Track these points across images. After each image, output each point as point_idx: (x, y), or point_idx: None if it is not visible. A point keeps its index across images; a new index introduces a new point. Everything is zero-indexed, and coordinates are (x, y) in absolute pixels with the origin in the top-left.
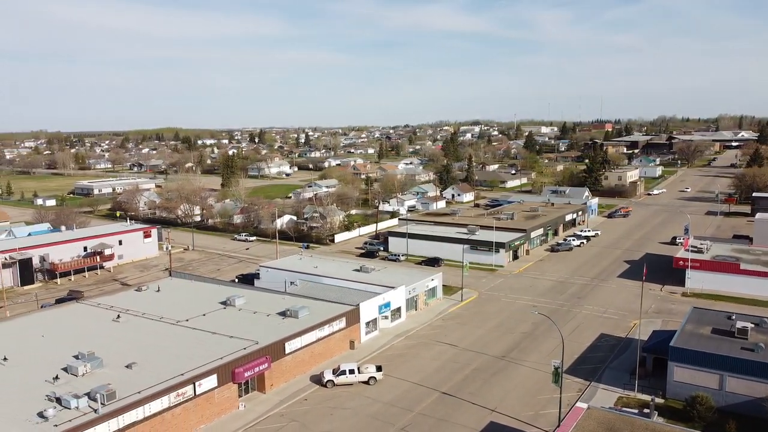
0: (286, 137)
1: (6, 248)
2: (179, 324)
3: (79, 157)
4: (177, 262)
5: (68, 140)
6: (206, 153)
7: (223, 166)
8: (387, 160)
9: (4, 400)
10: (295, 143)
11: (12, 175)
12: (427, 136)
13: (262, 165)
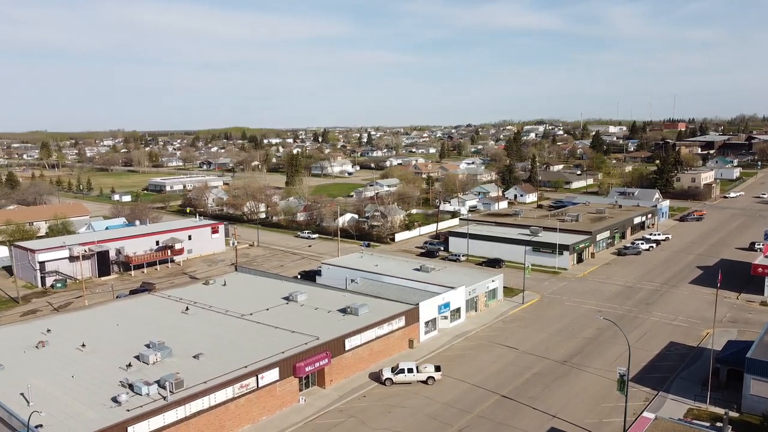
0: (348, 136)
1: (86, 241)
2: (244, 317)
3: (153, 156)
4: (242, 257)
5: (143, 139)
6: (272, 152)
7: (288, 165)
8: (448, 159)
9: (83, 384)
10: (357, 142)
11: (92, 172)
12: (490, 135)
13: (325, 164)
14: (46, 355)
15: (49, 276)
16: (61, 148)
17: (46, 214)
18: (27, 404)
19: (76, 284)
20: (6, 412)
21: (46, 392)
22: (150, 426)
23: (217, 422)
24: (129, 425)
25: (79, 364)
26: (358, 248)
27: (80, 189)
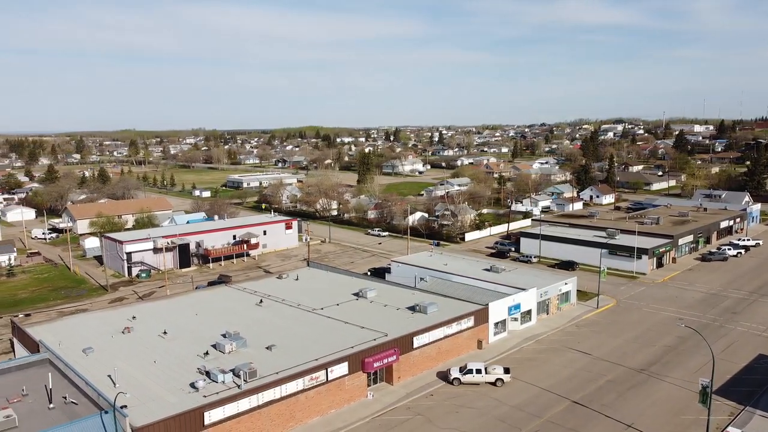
0: (420, 135)
1: (168, 234)
2: (315, 312)
3: (231, 153)
4: (314, 253)
5: (222, 137)
6: (344, 150)
7: (360, 163)
8: (521, 159)
9: (164, 370)
10: (428, 141)
11: (175, 169)
12: (565, 134)
13: (396, 162)
14: (131, 340)
15: (135, 266)
16: (148, 146)
17: (133, 207)
18: (113, 385)
19: (159, 275)
20: (95, 392)
21: (131, 375)
22: (225, 412)
23: (288, 412)
24: (206, 411)
25: (160, 350)
26: (428, 247)
27: (164, 185)
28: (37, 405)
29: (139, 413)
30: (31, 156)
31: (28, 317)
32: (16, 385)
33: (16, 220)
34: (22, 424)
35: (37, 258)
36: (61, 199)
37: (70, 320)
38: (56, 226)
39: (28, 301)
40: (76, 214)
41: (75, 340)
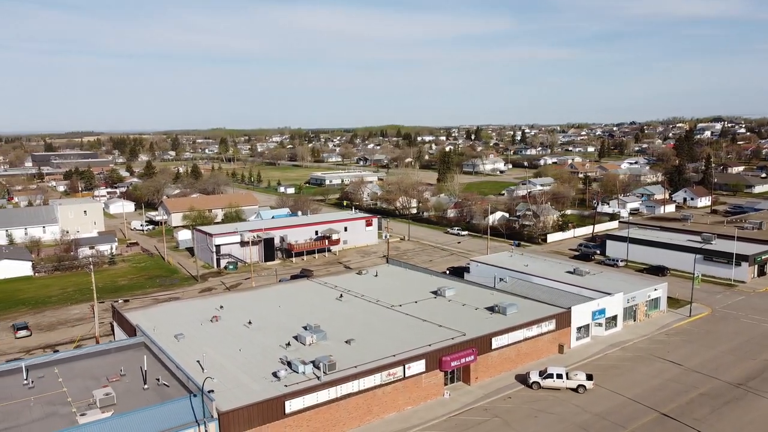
0: (502, 134)
1: (254, 228)
2: (393, 308)
3: (315, 151)
4: (393, 250)
5: (307, 136)
6: (425, 149)
7: (440, 162)
8: (608, 159)
9: (248, 358)
10: (510, 140)
11: (261, 166)
12: (656, 133)
13: (476, 161)
14: (218, 328)
15: (223, 258)
16: (237, 144)
17: (222, 202)
18: (202, 371)
19: (245, 267)
20: (185, 376)
21: (217, 361)
22: (305, 402)
23: (365, 406)
24: (286, 399)
25: (245, 339)
26: (508, 247)
27: (251, 181)
28: (133, 385)
29: (224, 398)
30: (131, 153)
31: (126, 303)
32: (115, 365)
33: (117, 212)
34: (119, 402)
35: (135, 248)
36: (157, 194)
37: (163, 307)
38: (153, 219)
39: (127, 288)
40: (171, 208)
41: (168, 326)
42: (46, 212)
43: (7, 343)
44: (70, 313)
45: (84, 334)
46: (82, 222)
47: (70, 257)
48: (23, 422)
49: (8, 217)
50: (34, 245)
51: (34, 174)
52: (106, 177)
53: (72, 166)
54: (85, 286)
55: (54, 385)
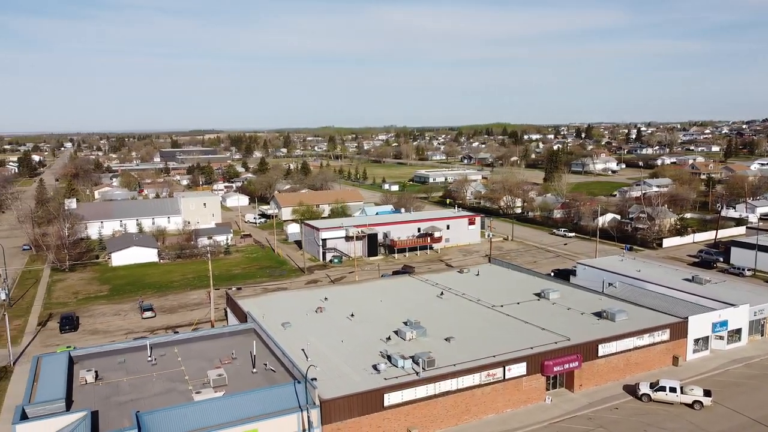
0: (615, 133)
1: (359, 224)
2: (494, 308)
3: (420, 149)
4: (496, 250)
5: (412, 134)
6: (531, 147)
7: (547, 161)
8: (736, 159)
9: (350, 350)
10: (624, 139)
11: (367, 163)
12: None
13: (586, 161)
14: (322, 319)
15: (329, 252)
16: (344, 142)
17: (329, 198)
18: (306, 358)
19: (349, 261)
20: (290, 362)
21: (321, 351)
22: (403, 397)
23: (463, 405)
24: (385, 392)
25: (347, 331)
26: (618, 251)
27: (357, 178)
28: (243, 368)
29: (326, 387)
30: (247, 150)
31: (239, 291)
32: (228, 348)
33: (233, 205)
34: (230, 383)
35: (248, 240)
36: (269, 188)
37: (272, 296)
38: (265, 212)
39: (240, 277)
40: (282, 202)
41: (276, 315)
42: (171, 204)
43: (135, 323)
44: (189, 298)
45: (201, 318)
46: (201, 214)
47: (190, 246)
48: (147, 395)
49: (139, 208)
50: (160, 234)
51: (162, 168)
52: (224, 172)
53: (194, 161)
54: (202, 274)
55: (173, 364)
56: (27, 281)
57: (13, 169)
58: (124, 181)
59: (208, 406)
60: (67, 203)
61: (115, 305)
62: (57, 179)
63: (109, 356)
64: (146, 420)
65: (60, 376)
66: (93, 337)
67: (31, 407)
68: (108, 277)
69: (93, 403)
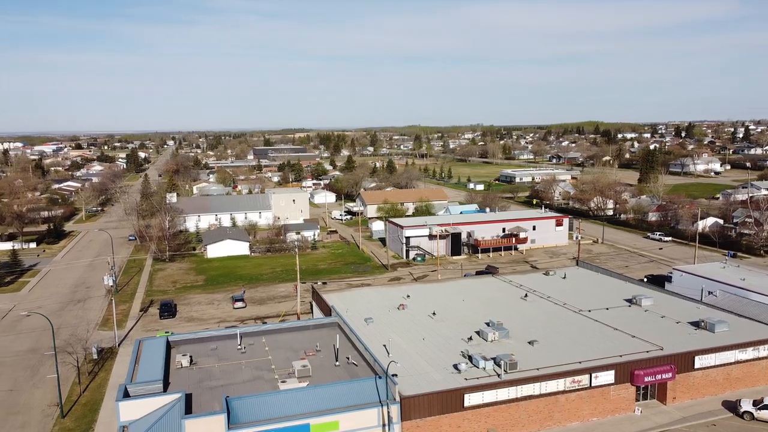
0: (719, 131)
1: (443, 223)
2: (581, 313)
3: (506, 148)
4: (585, 252)
5: (499, 133)
6: (625, 147)
7: (643, 161)
8: None
9: (431, 348)
10: (729, 138)
11: (452, 162)
12: None
13: (686, 161)
14: (404, 316)
15: (412, 250)
16: (430, 140)
17: (414, 196)
18: (387, 354)
19: (432, 260)
20: (372, 357)
21: (402, 348)
22: (484, 398)
23: (546, 411)
24: (466, 393)
25: (429, 329)
26: (720, 257)
27: (442, 176)
28: (326, 360)
29: (406, 383)
30: (335, 148)
31: (324, 285)
32: (312, 340)
33: (320, 202)
34: (314, 374)
35: (334, 236)
36: (355, 186)
37: (356, 292)
38: (351, 209)
39: (325, 272)
40: (367, 200)
41: (359, 310)
42: (262, 200)
43: (227, 312)
44: (277, 291)
45: (288, 310)
46: (291, 210)
47: (279, 241)
48: (236, 381)
49: (232, 203)
50: (252, 228)
51: (255, 166)
52: (313, 170)
53: (285, 159)
54: (290, 267)
55: (261, 353)
56: (131, 269)
57: (122, 165)
58: (220, 177)
59: (293, 395)
60: (168, 197)
61: (209, 295)
62: (160, 175)
63: (203, 343)
64: (235, 405)
65: (158, 359)
66: (188, 324)
67: (132, 386)
68: (203, 268)
69: (187, 385)
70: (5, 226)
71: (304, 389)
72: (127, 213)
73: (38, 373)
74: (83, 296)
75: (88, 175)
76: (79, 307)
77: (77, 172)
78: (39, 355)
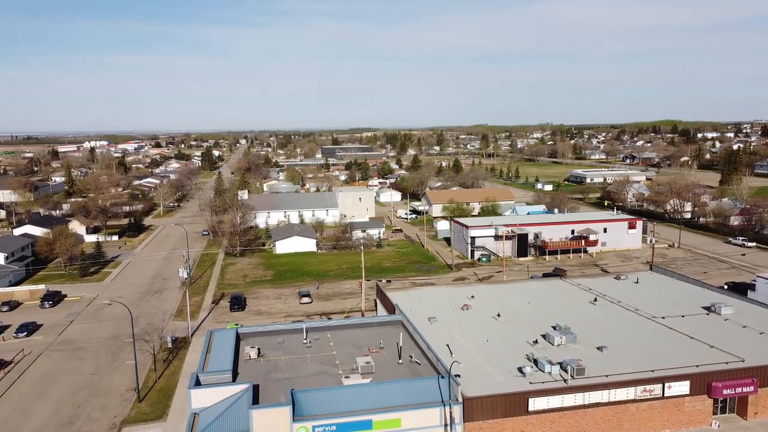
0: None
1: (509, 223)
2: (654, 320)
3: (577, 148)
4: (659, 257)
5: (569, 132)
6: (705, 147)
7: (725, 162)
8: None
9: (495, 350)
10: None
11: (520, 162)
12: None
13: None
14: (468, 317)
15: (477, 250)
16: (497, 140)
17: (480, 196)
18: (450, 354)
19: (497, 260)
20: (434, 357)
21: (465, 348)
22: (549, 403)
23: (615, 419)
24: (530, 397)
25: (493, 331)
26: None
27: (509, 176)
28: (389, 358)
29: (469, 384)
30: (401, 147)
31: (389, 283)
32: (376, 338)
33: (386, 200)
34: (377, 371)
35: (399, 234)
36: (421, 185)
37: (420, 291)
38: (416, 208)
39: (390, 270)
40: (432, 199)
41: (422, 309)
42: (330, 198)
43: (294, 307)
44: (343, 287)
45: (352, 306)
46: (357, 208)
47: (345, 238)
48: (302, 375)
49: (301, 201)
50: (319, 225)
51: (322, 164)
52: (379, 169)
53: (352, 158)
54: (355, 265)
55: (326, 348)
56: (204, 263)
57: (197, 163)
58: (289, 175)
59: (356, 391)
60: (240, 194)
61: (277, 289)
62: (232, 172)
63: (270, 336)
64: (300, 398)
65: (228, 350)
66: (257, 317)
67: (204, 375)
68: (272, 263)
69: (255, 377)
70: (91, 219)
71: (368, 385)
72: (201, 209)
73: (118, 358)
74: (160, 287)
75: (166, 172)
76: (156, 298)
77: (156, 170)
78: (119, 342)
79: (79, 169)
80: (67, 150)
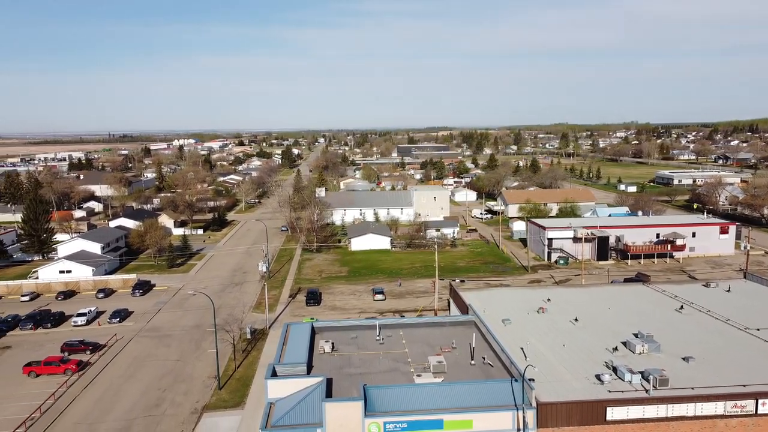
0: None
1: (589, 225)
2: (747, 331)
3: (664, 148)
4: (755, 264)
5: (655, 131)
6: None
7: None
8: None
9: (571, 355)
10: None
11: (602, 162)
12: None
13: None
14: (544, 320)
15: (554, 252)
16: (578, 139)
17: (558, 197)
18: (524, 358)
19: (576, 263)
20: (508, 359)
21: (540, 352)
22: (629, 413)
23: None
24: (609, 406)
25: (569, 336)
26: None
27: (589, 177)
28: (462, 358)
29: (543, 389)
30: (477, 146)
31: (462, 283)
32: (448, 337)
33: (461, 200)
34: (449, 371)
35: (473, 234)
36: (497, 185)
37: (494, 292)
38: (491, 208)
39: (464, 270)
40: (509, 199)
41: (496, 310)
42: (404, 196)
43: (367, 304)
44: (416, 286)
45: (425, 305)
46: (431, 207)
47: (419, 237)
48: (374, 371)
49: (376, 199)
50: (393, 224)
51: (398, 163)
52: (454, 168)
53: (427, 157)
54: (429, 264)
55: (398, 345)
56: (283, 258)
57: (278, 161)
58: (365, 173)
59: (428, 390)
60: (317, 192)
61: (352, 286)
62: (311, 170)
63: (344, 331)
64: (372, 394)
65: (304, 343)
66: (331, 312)
67: (280, 367)
68: (347, 260)
69: (328, 370)
70: (178, 213)
71: (439, 385)
72: (280, 205)
73: (201, 347)
74: (240, 280)
75: (248, 170)
76: (236, 290)
77: (239, 167)
78: (202, 331)
79: (168, 165)
80: (158, 148)
